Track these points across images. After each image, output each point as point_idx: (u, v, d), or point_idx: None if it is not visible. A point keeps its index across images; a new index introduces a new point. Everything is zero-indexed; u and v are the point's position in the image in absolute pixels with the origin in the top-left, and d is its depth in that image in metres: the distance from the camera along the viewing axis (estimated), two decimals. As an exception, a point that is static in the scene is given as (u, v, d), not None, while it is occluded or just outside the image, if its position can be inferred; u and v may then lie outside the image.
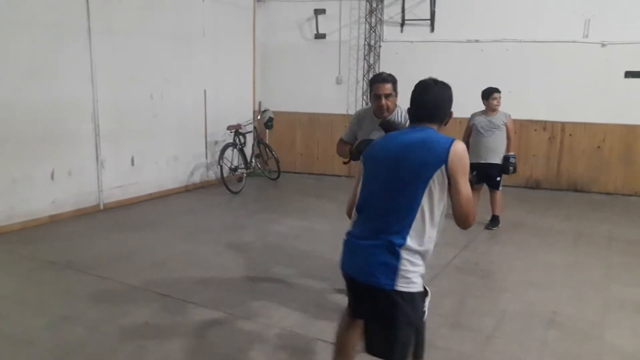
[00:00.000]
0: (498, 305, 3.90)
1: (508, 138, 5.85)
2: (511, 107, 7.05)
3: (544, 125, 8.18)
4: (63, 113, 5.92)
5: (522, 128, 8.15)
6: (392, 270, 2.01)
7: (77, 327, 3.39)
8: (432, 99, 2.19)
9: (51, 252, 4.87)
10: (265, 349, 3.17)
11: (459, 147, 2.02)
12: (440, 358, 3.09)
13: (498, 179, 5.87)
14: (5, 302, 3.78)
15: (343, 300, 3.89)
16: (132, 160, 6.87)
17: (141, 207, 6.73)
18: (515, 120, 7.81)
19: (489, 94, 5.78)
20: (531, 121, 8.16)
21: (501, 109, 5.89)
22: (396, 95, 3.37)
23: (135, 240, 5.31)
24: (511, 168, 5.82)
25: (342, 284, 2.45)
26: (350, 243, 2.21)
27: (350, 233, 2.24)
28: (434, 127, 2.17)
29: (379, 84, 3.34)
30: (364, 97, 8.67)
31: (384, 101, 3.30)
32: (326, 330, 3.39)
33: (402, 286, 2.02)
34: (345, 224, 2.36)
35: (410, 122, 2.25)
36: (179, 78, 7.48)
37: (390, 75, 3.37)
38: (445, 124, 2.22)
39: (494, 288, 4.34)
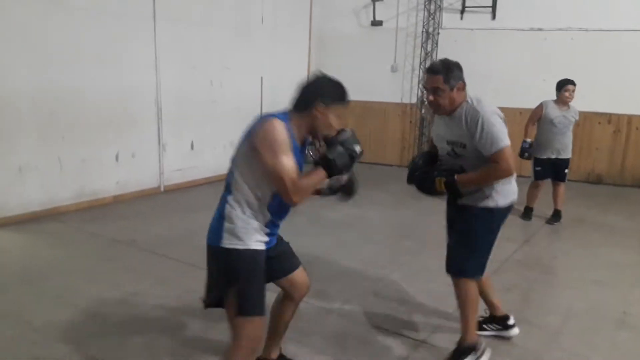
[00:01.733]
0: (563, 302, 3.79)
1: None
2: (575, 99, 6.80)
3: (608, 118, 7.84)
4: (128, 98, 6.12)
5: (585, 120, 7.80)
6: (217, 228, 2.23)
7: (145, 303, 3.53)
8: (302, 89, 2.22)
9: (116, 231, 5.07)
10: (325, 334, 3.19)
11: (266, 125, 2.06)
12: (505, 353, 3.03)
13: (566, 171, 5.70)
14: (76, 276, 3.96)
15: (400, 289, 3.89)
16: (192, 145, 7.05)
17: (199, 190, 6.89)
18: (580, 112, 7.60)
19: (561, 86, 5.50)
20: (595, 113, 7.83)
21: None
22: (455, 88, 2.64)
23: (195, 222, 5.42)
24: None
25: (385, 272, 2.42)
26: None
27: None
28: (293, 113, 2.19)
29: (427, 75, 2.75)
30: (419, 85, 8.54)
31: (431, 97, 2.69)
32: (387, 319, 3.40)
33: (225, 242, 2.18)
34: (397, 213, 2.40)
35: None
36: (237, 66, 7.58)
37: (444, 62, 2.68)
38: (307, 114, 2.16)
39: (557, 284, 4.22)
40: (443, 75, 2.63)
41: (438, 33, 8.40)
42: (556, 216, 5.81)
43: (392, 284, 4.00)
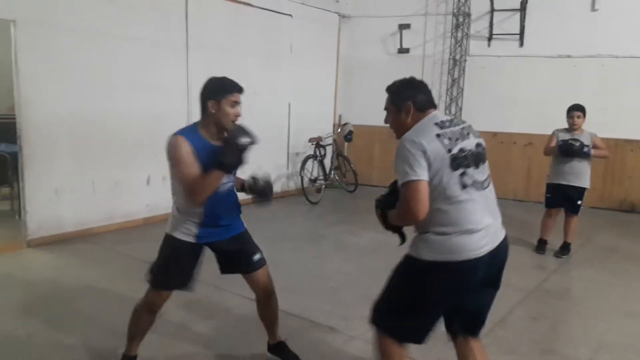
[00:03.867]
0: (593, 334, 3.69)
1: (601, 156, 5.47)
2: (606, 126, 6.72)
3: (641, 145, 7.70)
4: (160, 123, 6.27)
5: (617, 148, 7.69)
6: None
7: (169, 324, 3.58)
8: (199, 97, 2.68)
9: (146, 252, 5.11)
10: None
11: (168, 144, 2.54)
12: (533, 384, 2.97)
13: (579, 202, 5.41)
14: (108, 297, 4.05)
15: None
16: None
17: (226, 214, 6.97)
18: (609, 139, 7.44)
19: (567, 111, 5.36)
20: (627, 140, 7.70)
21: (588, 127, 5.39)
22: (403, 109, 2.33)
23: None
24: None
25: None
26: None
27: None
28: (201, 120, 2.67)
29: None
30: (447, 111, 8.55)
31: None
32: (414, 347, 3.36)
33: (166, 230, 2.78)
34: None
35: None
36: (265, 91, 7.73)
37: (397, 80, 2.47)
38: (207, 115, 2.63)
39: (587, 316, 4.10)
40: (390, 95, 2.44)
41: (465, 60, 8.43)
42: (565, 249, 5.53)
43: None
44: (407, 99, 2.32)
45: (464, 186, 2.13)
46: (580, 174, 5.34)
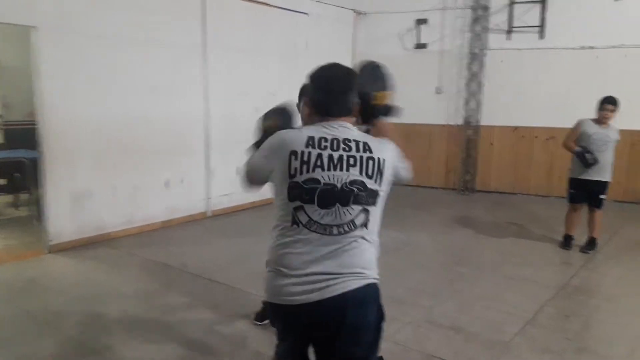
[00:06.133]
0: (628, 331, 3.58)
1: None
2: (630, 117, 6.55)
3: (667, 136, 7.49)
4: (178, 126, 6.28)
5: (642, 140, 7.53)
6: None
7: (197, 329, 3.54)
8: None
9: (166, 256, 5.15)
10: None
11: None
12: (570, 386, 2.87)
13: (602, 196, 5.28)
14: (132, 301, 4.03)
15: (454, 317, 3.75)
16: (238, 169, 7.13)
17: (245, 215, 6.95)
18: (633, 131, 7.26)
19: (600, 103, 5.21)
20: (653, 132, 7.50)
21: (614, 122, 5.27)
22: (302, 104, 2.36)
23: (243, 247, 5.48)
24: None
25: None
26: None
27: None
28: None
29: None
30: (465, 106, 8.42)
31: None
32: (441, 348, 3.29)
33: None
34: (445, 238, 2.29)
35: None
36: (282, 91, 7.66)
37: None
38: None
39: (621, 313, 3.96)
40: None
41: (484, 54, 8.29)
42: (591, 244, 5.39)
43: (446, 311, 3.87)
44: (305, 94, 2.05)
45: (295, 222, 1.79)
46: (603, 168, 5.23)
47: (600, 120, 5.20)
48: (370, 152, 1.81)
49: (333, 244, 1.77)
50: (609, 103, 5.15)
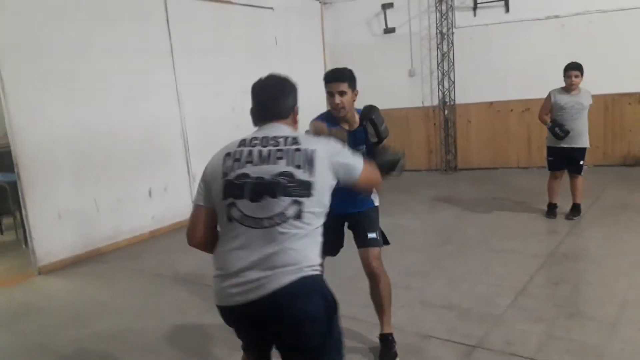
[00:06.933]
0: (616, 292, 3.67)
1: None
2: (601, 82, 6.66)
3: (639, 97, 7.62)
4: (155, 133, 6.24)
5: (614, 103, 7.65)
6: None
7: (194, 335, 3.55)
8: None
9: (157, 266, 5.14)
10: (374, 346, 3.16)
11: None
12: (563, 349, 2.95)
13: (581, 162, 5.37)
14: (126, 314, 4.02)
15: (446, 295, 3.81)
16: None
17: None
18: (606, 95, 7.37)
19: (564, 71, 5.30)
20: (624, 94, 7.63)
21: (584, 86, 5.36)
22: None
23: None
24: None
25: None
26: None
27: None
28: None
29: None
30: (440, 87, 8.49)
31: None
32: (437, 327, 3.35)
33: None
34: (432, 218, 2.32)
35: None
36: (256, 89, 7.66)
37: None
38: None
39: (608, 274, 4.06)
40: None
41: (452, 33, 8.34)
42: (575, 210, 5.49)
43: (437, 291, 3.94)
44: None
45: (230, 219, 1.85)
46: (579, 135, 5.32)
47: (568, 88, 5.29)
48: (298, 144, 1.88)
49: (265, 238, 1.80)
50: (572, 69, 5.24)
